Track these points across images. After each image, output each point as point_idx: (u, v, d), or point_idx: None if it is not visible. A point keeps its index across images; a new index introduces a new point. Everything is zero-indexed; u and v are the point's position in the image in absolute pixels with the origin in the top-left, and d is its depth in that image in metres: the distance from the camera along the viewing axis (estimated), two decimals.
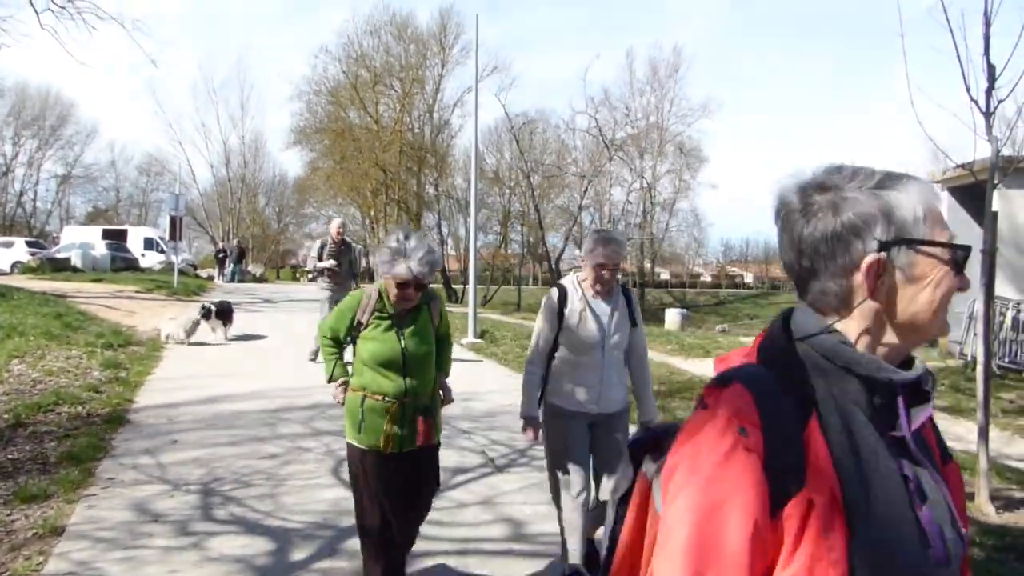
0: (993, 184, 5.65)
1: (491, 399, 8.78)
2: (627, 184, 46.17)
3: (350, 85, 37.08)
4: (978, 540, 4.52)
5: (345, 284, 10.32)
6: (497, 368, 11.49)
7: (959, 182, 14.92)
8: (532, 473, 5.82)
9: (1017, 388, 10.78)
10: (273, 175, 61.02)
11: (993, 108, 5.47)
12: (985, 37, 5.42)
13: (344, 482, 5.42)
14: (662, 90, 50.52)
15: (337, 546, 4.25)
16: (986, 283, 5.51)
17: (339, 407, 3.68)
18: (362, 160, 35.89)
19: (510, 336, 15.40)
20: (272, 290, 30.12)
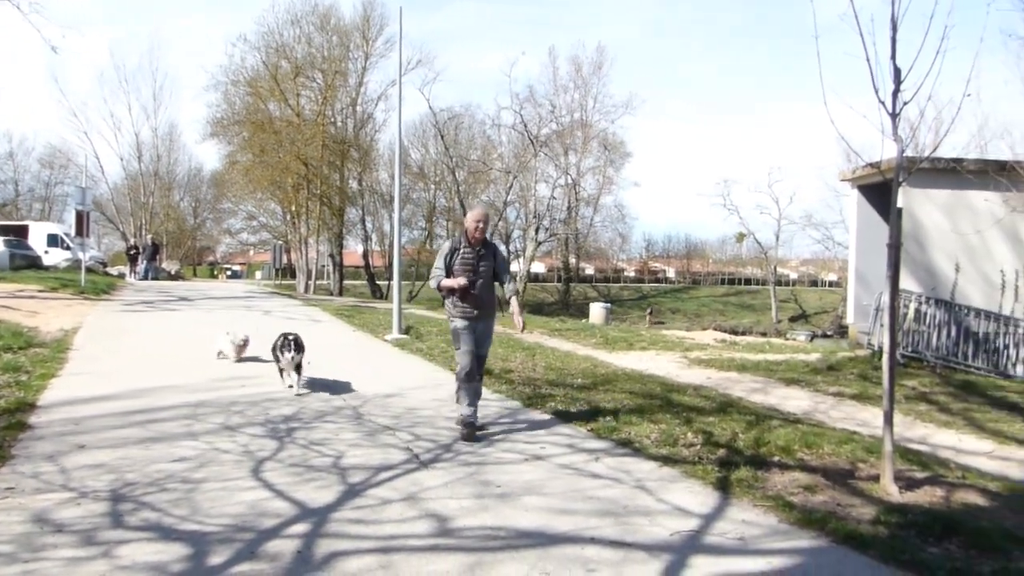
0: (899, 182, 5.88)
1: (416, 395, 8.70)
2: (552, 180, 46.58)
3: (270, 76, 36.10)
4: (882, 519, 4.72)
5: (487, 308, 6.89)
6: (423, 364, 11.40)
7: (868, 180, 15.56)
8: (458, 468, 5.79)
9: (919, 376, 11.34)
10: (189, 168, 59.13)
11: (899, 110, 5.69)
12: (892, 41, 5.63)
13: (264, 483, 5.29)
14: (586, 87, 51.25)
15: (257, 549, 4.12)
16: (892, 276, 5.74)
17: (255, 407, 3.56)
18: (283, 153, 35.02)
19: (436, 331, 15.29)
20: (188, 288, 29.15)
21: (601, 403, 8.18)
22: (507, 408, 8.17)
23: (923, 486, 5.65)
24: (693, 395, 9.15)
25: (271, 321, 16.49)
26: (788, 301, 54.25)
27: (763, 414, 8.06)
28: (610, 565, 4.04)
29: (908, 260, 14.09)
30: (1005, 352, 13.24)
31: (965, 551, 4.29)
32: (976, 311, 13.46)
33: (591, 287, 61.99)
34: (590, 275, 69.97)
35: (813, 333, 28.55)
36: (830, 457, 6.33)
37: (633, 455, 6.30)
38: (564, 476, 5.67)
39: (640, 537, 4.45)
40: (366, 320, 17.40)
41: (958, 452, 7.40)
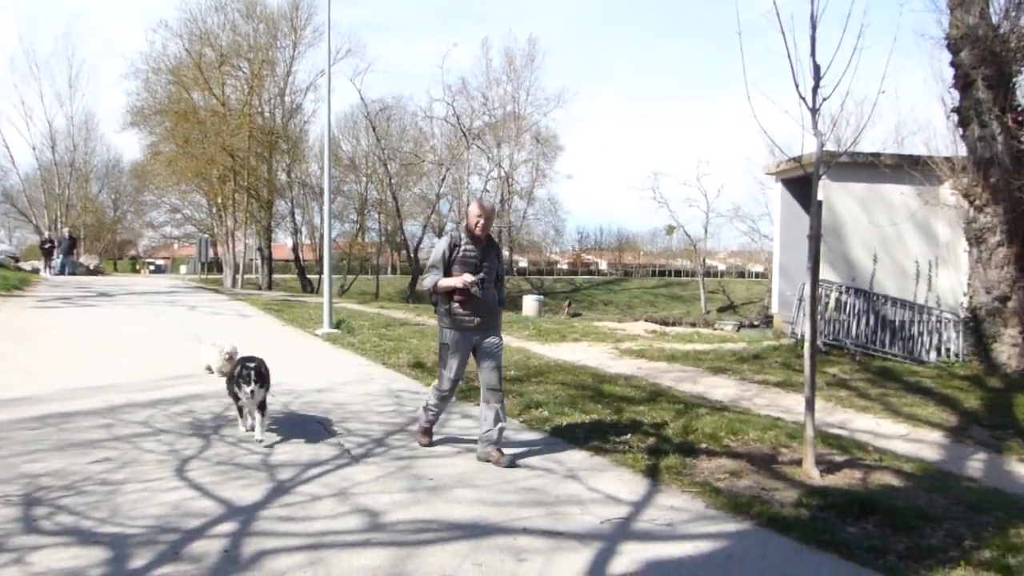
0: (818, 176, 6.07)
1: (347, 390, 8.60)
2: (485, 172, 46.58)
3: (194, 64, 35.00)
4: (804, 502, 4.88)
5: (490, 315, 5.90)
6: (354, 358, 11.27)
7: (791, 174, 16.02)
8: (390, 462, 5.74)
9: (840, 363, 11.74)
10: (107, 159, 56.88)
11: (819, 105, 5.87)
12: (811, 39, 5.80)
13: (189, 482, 5.14)
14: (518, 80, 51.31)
15: (181, 550, 4.01)
16: (812, 266, 5.92)
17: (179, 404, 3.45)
18: (208, 144, 34.01)
19: (367, 326, 15.15)
20: (108, 283, 28.09)
21: (534, 394, 8.22)
22: None
23: (843, 469, 5.86)
24: (624, 385, 9.28)
25: (197, 317, 16.06)
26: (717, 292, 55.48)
27: (691, 402, 8.23)
28: (541, 554, 4.07)
29: (829, 251, 14.58)
30: (919, 339, 13.83)
31: (881, 530, 4.47)
32: (892, 300, 14.02)
33: (525, 280, 62.18)
34: (524, 268, 70.27)
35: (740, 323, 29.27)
36: (755, 443, 6.51)
37: (565, 445, 6.36)
38: (496, 468, 5.68)
39: (571, 526, 4.49)
40: (296, 315, 17.10)
41: (876, 436, 7.69)
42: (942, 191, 13.57)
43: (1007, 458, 7.33)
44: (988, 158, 11.09)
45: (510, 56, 51.72)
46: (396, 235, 49.39)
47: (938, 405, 9.31)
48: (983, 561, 4.03)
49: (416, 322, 16.82)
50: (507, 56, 52.42)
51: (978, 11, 10.94)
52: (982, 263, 11.45)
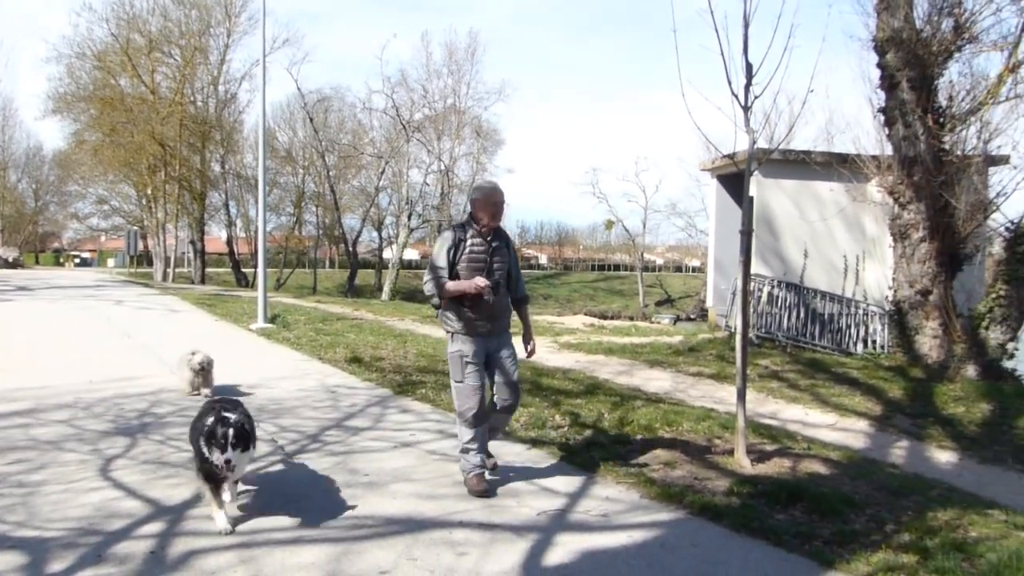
0: (750, 172, 6.19)
1: (282, 385, 8.44)
2: (425, 166, 46.14)
3: (121, 50, 33.79)
4: (735, 490, 4.99)
5: (503, 321, 5.13)
6: (290, 353, 11.07)
7: (725, 171, 16.34)
8: (325, 458, 5.66)
9: (771, 355, 12.04)
10: (27, 147, 54.61)
11: (751, 103, 5.98)
12: (744, 38, 5.90)
13: (114, 482, 4.98)
14: (459, 73, 50.93)
15: (104, 552, 3.87)
16: (744, 260, 6.05)
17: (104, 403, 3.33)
18: (136, 133, 32.93)
19: (303, 320, 14.90)
20: (29, 277, 27.01)
21: None
22: (377, 396, 8.06)
23: (773, 458, 6.01)
24: (562, 378, 9.34)
25: (123, 312, 15.57)
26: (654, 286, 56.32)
27: (627, 395, 8.33)
28: (478, 547, 4.06)
29: (762, 246, 14.92)
30: (847, 332, 14.26)
31: (808, 516, 4.59)
32: (822, 294, 14.42)
33: None
34: None
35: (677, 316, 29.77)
36: (689, 434, 6.63)
37: (502, 439, 6.34)
38: (433, 462, 5.65)
39: (508, 518, 4.50)
40: (229, 309, 16.72)
41: (805, 425, 7.91)
42: (869, 188, 14.01)
43: (927, 445, 7.63)
44: (912, 157, 11.49)
45: (451, 49, 51.30)
46: (334, 228, 48.70)
47: (864, 395, 9.63)
48: (902, 544, 4.18)
49: (354, 316, 16.63)
50: (448, 49, 51.94)
51: (902, 15, 11.31)
52: (906, 258, 11.87)
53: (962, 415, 8.94)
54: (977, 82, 11.80)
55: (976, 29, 11.47)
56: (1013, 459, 7.32)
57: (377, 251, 54.55)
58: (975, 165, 11.63)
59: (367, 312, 17.92)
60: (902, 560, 3.95)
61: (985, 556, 3.96)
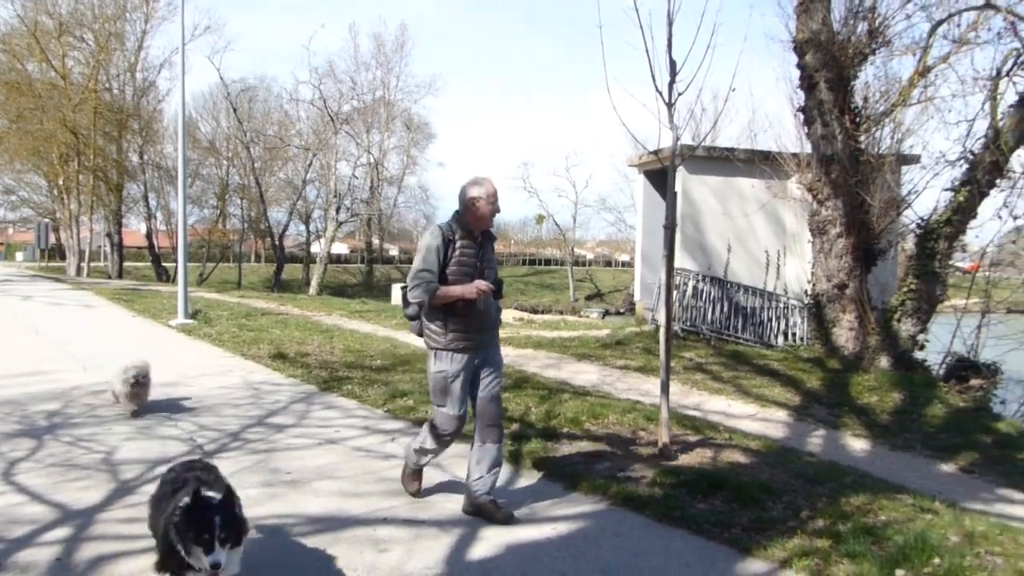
0: (674, 168, 6.28)
1: (202, 383, 8.19)
2: (354, 159, 45.53)
3: (28, 32, 32.15)
4: (658, 481, 5.06)
5: (493, 331, 4.59)
6: (211, 350, 10.76)
7: (652, 166, 16.59)
8: (245, 457, 5.52)
9: (696, 348, 12.29)
10: None
11: (674, 100, 6.07)
12: (668, 35, 5.98)
13: (17, 486, 4.73)
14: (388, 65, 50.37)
15: (5, 560, 3.68)
16: (668, 255, 6.14)
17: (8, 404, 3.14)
18: (46, 120, 31.42)
19: (226, 316, 14.51)
20: None
21: (399, 384, 8.12)
22: (301, 392, 7.90)
23: (695, 448, 6.13)
24: None
25: (32, 307, 14.87)
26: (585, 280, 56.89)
27: (555, 388, 8.38)
28: (402, 543, 4.02)
29: (687, 241, 15.22)
30: (769, 324, 14.67)
31: (728, 504, 4.69)
32: (745, 288, 14.79)
33: (396, 268, 61.49)
34: (394, 256, 69.47)
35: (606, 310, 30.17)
36: (614, 426, 6.70)
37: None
38: (358, 458, 5.57)
39: (433, 514, 4.47)
40: (148, 305, 16.16)
41: (727, 416, 8.09)
42: (789, 185, 14.42)
43: (843, 433, 7.90)
44: (830, 155, 11.86)
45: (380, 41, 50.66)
46: (260, 222, 47.57)
47: (784, 386, 9.91)
48: (817, 529, 4.31)
49: (279, 311, 16.27)
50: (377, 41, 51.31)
51: (820, 18, 11.65)
52: (824, 253, 12.25)
53: (875, 404, 9.30)
54: (891, 84, 12.28)
55: (889, 33, 11.92)
56: (921, 445, 7.66)
57: (305, 245, 53.56)
58: (889, 164, 12.08)
59: (293, 307, 17.57)
60: (816, 545, 4.07)
61: (893, 539, 4.12)
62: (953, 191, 10.56)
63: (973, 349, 11.67)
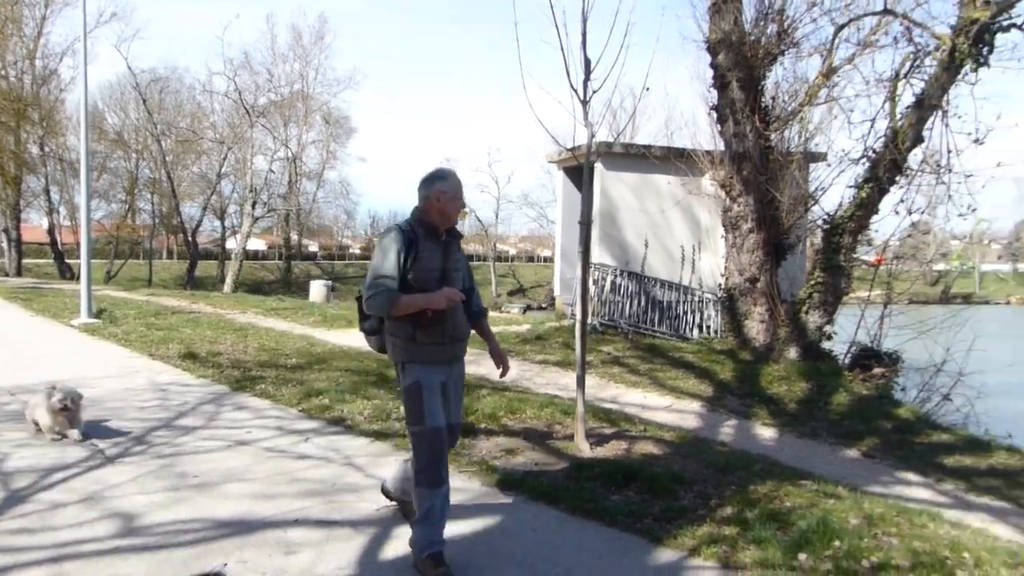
0: (589, 165, 6.34)
1: (105, 385, 7.86)
2: (271, 152, 44.44)
3: None
4: (573, 474, 5.11)
5: (464, 342, 3.98)
6: (116, 350, 10.32)
7: (570, 163, 16.72)
8: (150, 461, 5.31)
9: (614, 342, 12.47)
10: None
11: (589, 97, 6.12)
12: (582, 33, 6.04)
13: None
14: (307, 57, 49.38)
15: None
16: (583, 251, 6.20)
17: None
18: None
19: (134, 314, 13.96)
20: None
21: (315, 382, 7.97)
22: (212, 393, 7.66)
23: (611, 441, 6.21)
24: None
25: None
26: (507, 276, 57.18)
27: (474, 384, 8.35)
28: (313, 545, 3.94)
29: (605, 237, 15.42)
30: (684, 318, 14.99)
31: (641, 495, 4.77)
32: (662, 282, 15.07)
33: (315, 265, 60.43)
34: (314, 252, 68.26)
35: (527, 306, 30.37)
36: (532, 421, 6.73)
37: (345, 433, 6.22)
38: (270, 460, 5.43)
39: (347, 514, 4.39)
40: (48, 303, 15.42)
41: (643, 408, 8.23)
42: (704, 181, 14.77)
43: (753, 423, 8.15)
44: (741, 153, 12.20)
45: (298, 33, 49.58)
46: (172, 217, 46.01)
47: (698, 378, 10.15)
48: (725, 517, 4.42)
49: (191, 310, 15.76)
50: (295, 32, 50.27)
51: (732, 19, 11.96)
52: (736, 248, 12.60)
53: (784, 394, 9.62)
54: (800, 85, 12.70)
55: (797, 35, 12.33)
56: (827, 433, 7.97)
57: (220, 241, 52.02)
58: (797, 162, 12.50)
59: (206, 305, 17.04)
60: (724, 532, 4.18)
61: (797, 524, 4.26)
62: (856, 188, 10.97)
63: (876, 339, 12.18)
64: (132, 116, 44.59)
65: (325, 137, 52.03)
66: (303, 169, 49.78)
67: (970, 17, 9.10)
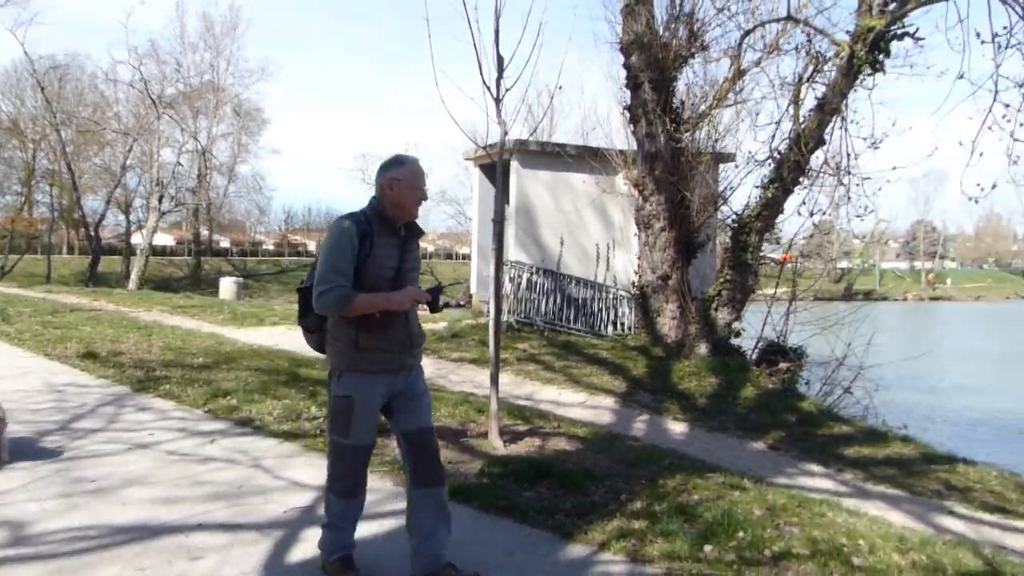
0: (502, 163, 6.36)
1: None
2: (179, 145, 42.84)
3: None
4: (487, 471, 5.13)
5: (418, 347, 3.63)
6: (8, 350, 9.80)
7: (486, 160, 16.74)
8: (43, 467, 5.07)
9: (530, 339, 12.55)
10: None
11: (502, 95, 6.13)
12: (495, 31, 6.04)
13: None
14: (218, 48, 47.88)
15: None
16: (496, 248, 6.22)
17: None
18: None
19: (29, 312, 13.27)
20: None
21: (222, 382, 7.74)
22: (112, 394, 7.35)
23: (525, 438, 6.25)
24: (321, 368, 9.05)
25: None
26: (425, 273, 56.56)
27: None
28: (217, 550, 3.82)
29: (522, 234, 15.50)
30: (599, 315, 15.22)
31: (553, 491, 4.82)
32: (577, 279, 15.26)
33: (226, 261, 58.62)
34: (226, 248, 66.25)
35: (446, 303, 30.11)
36: (446, 419, 6.70)
37: (253, 434, 6.07)
38: (174, 463, 5.25)
39: (253, 517, 4.28)
40: None
41: (558, 405, 8.32)
42: (618, 181, 15.01)
43: (664, 417, 8.33)
44: (653, 153, 12.44)
45: (209, 21, 48.04)
46: (73, 210, 43.88)
47: (612, 374, 10.32)
48: (634, 511, 4.51)
49: (92, 307, 15.08)
50: (206, 21, 48.73)
51: (644, 21, 12.17)
52: (649, 246, 12.85)
53: (695, 389, 9.88)
54: (711, 87, 13.04)
55: (707, 39, 12.66)
56: (735, 426, 8.22)
57: (125, 236, 49.91)
58: (706, 162, 12.84)
59: (108, 303, 16.33)
60: (634, 526, 4.26)
61: (703, 516, 4.38)
62: (762, 188, 11.34)
63: (782, 335, 12.62)
64: (29, 104, 42.37)
65: (237, 129, 50.58)
66: (213, 162, 48.24)
67: (867, 25, 9.51)
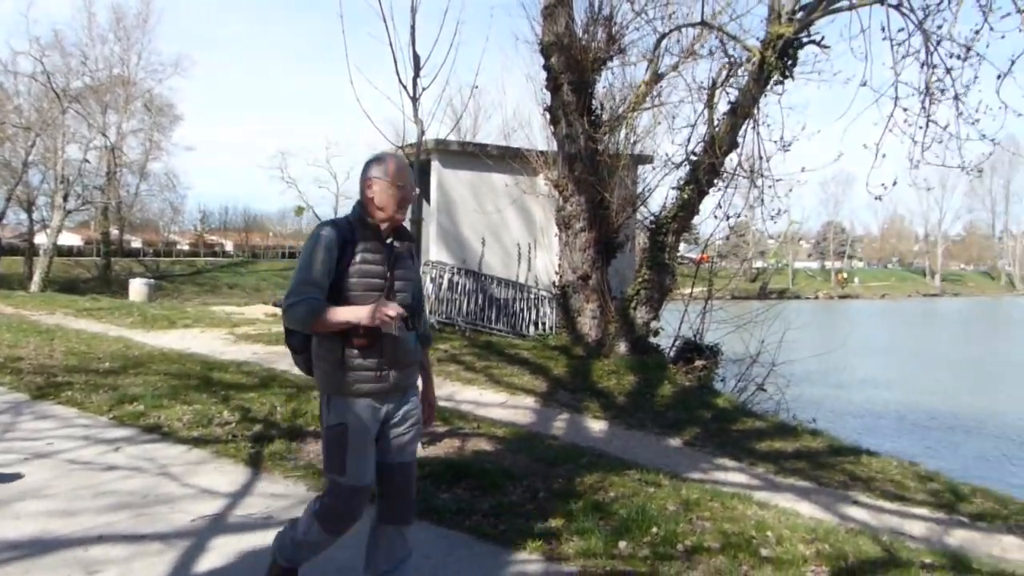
0: (418, 162, 6.31)
1: None
2: (86, 141, 41.02)
3: None
4: None
5: (412, 368, 3.23)
6: None
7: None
8: None
9: (451, 340, 12.50)
10: None
11: (419, 94, 6.09)
12: (411, 29, 6.00)
13: None
14: (129, 40, 46.09)
15: None
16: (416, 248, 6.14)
17: None
18: None
19: None
20: None
21: (129, 388, 7.43)
22: (8, 402, 6.98)
23: (444, 439, 6.21)
24: (235, 372, 8.83)
25: None
26: None
27: (304, 386, 8.08)
28: (118, 562, 3.66)
29: (444, 234, 15.44)
30: (521, 315, 15.29)
31: (471, 492, 4.80)
32: (499, 280, 15.29)
33: (138, 262, 56.41)
34: (138, 249, 63.80)
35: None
36: None
37: (161, 440, 5.84)
38: (74, 473, 5.01)
39: (158, 527, 4.12)
40: None
41: (478, 405, 8.30)
42: (538, 181, 15.10)
43: (584, 416, 8.41)
44: (573, 154, 12.57)
45: (119, 14, 46.19)
46: None
47: (533, 374, 10.36)
48: (551, 510, 4.53)
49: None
50: (115, 13, 46.78)
51: (564, 22, 12.29)
52: (569, 246, 12.97)
53: (614, 387, 10.00)
54: (630, 90, 13.25)
55: (625, 42, 12.87)
56: (653, 423, 8.36)
57: (27, 236, 47.49)
58: (624, 164, 13.04)
59: (7, 305, 15.51)
60: (550, 525, 4.28)
61: (618, 513, 4.44)
62: (679, 190, 11.59)
63: (698, 333, 12.91)
64: None
65: (148, 125, 48.79)
66: (124, 159, 46.40)
67: (776, 32, 9.83)
